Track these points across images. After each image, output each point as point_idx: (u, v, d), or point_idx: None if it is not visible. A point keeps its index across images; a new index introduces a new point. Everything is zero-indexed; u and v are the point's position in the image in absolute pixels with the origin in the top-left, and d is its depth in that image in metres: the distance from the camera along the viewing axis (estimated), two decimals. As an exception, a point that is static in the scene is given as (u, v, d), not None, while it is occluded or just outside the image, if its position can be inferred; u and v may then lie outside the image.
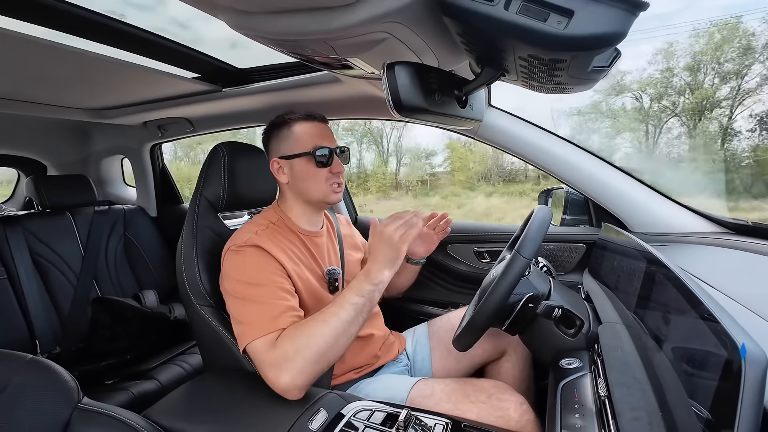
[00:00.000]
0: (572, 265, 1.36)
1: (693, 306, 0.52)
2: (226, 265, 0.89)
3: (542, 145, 1.24)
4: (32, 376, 0.66)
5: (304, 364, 0.74)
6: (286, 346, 0.76)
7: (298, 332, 0.77)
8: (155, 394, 1.36)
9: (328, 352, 0.76)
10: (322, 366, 0.77)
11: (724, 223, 1.12)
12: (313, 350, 0.75)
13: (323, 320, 0.78)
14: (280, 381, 0.74)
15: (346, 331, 0.78)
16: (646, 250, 0.77)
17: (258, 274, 0.85)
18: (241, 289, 0.84)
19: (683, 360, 0.53)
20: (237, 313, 0.84)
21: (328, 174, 0.96)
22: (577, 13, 0.47)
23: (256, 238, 0.88)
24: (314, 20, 0.64)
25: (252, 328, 0.79)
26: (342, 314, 0.78)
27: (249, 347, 0.79)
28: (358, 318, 0.79)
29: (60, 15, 0.89)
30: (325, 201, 0.98)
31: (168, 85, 1.37)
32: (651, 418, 0.51)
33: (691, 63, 12.50)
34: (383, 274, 0.81)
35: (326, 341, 0.76)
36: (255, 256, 0.86)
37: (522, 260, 0.73)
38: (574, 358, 0.74)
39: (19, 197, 2.52)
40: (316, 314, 0.80)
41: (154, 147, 2.12)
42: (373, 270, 0.81)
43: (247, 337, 0.79)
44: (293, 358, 0.74)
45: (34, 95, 1.41)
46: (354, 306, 0.79)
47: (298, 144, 0.95)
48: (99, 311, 1.57)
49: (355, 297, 0.79)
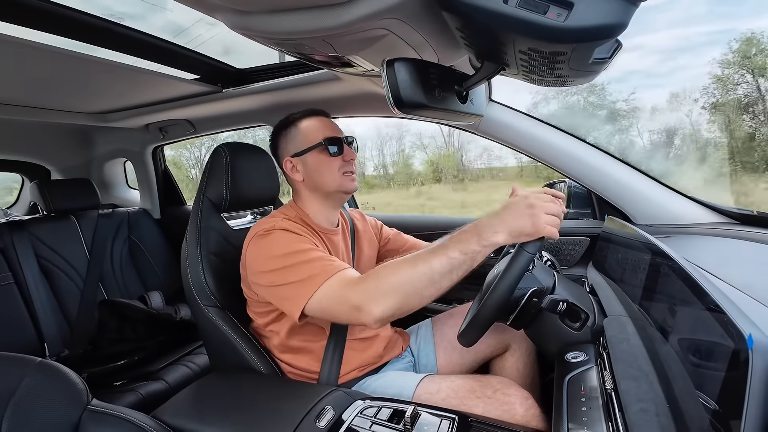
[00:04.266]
0: (576, 259, 1.36)
1: (699, 297, 0.52)
2: (255, 249, 0.87)
3: (544, 138, 1.24)
4: (42, 379, 0.67)
5: (392, 299, 0.71)
6: (370, 282, 0.73)
7: (383, 272, 0.74)
8: (163, 394, 1.37)
9: (411, 295, 0.72)
10: (408, 308, 0.73)
11: (729, 213, 1.11)
12: (395, 287, 0.71)
13: (412, 264, 0.72)
14: (372, 312, 0.71)
15: (434, 283, 0.71)
16: (651, 242, 0.77)
17: (297, 244, 0.84)
18: (283, 260, 0.82)
19: (690, 351, 0.53)
20: (289, 276, 0.80)
21: (341, 162, 0.97)
22: (576, 4, 0.47)
23: (282, 224, 0.88)
24: (313, 18, 0.64)
25: (314, 279, 0.77)
26: (435, 264, 0.71)
27: (320, 291, 0.77)
28: (451, 274, 0.71)
29: (59, 19, 0.89)
30: (341, 190, 0.98)
31: (169, 87, 1.38)
32: (658, 410, 0.51)
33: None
34: (497, 236, 0.70)
35: (412, 284, 0.71)
36: (286, 234, 0.86)
37: (526, 255, 0.73)
38: (580, 352, 0.74)
39: (24, 202, 2.54)
40: (407, 256, 0.75)
41: (156, 149, 2.13)
42: (489, 228, 0.71)
43: (313, 286, 0.77)
44: (377, 293, 0.72)
45: (36, 100, 1.42)
46: (450, 261, 0.71)
47: (308, 138, 0.96)
48: (106, 314, 1.59)
49: (456, 252, 0.71)
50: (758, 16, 8.78)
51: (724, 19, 9.14)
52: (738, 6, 10.14)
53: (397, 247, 1.22)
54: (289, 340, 0.96)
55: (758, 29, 6.29)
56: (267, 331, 0.98)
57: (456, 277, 0.72)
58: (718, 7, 10.28)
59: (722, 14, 10.23)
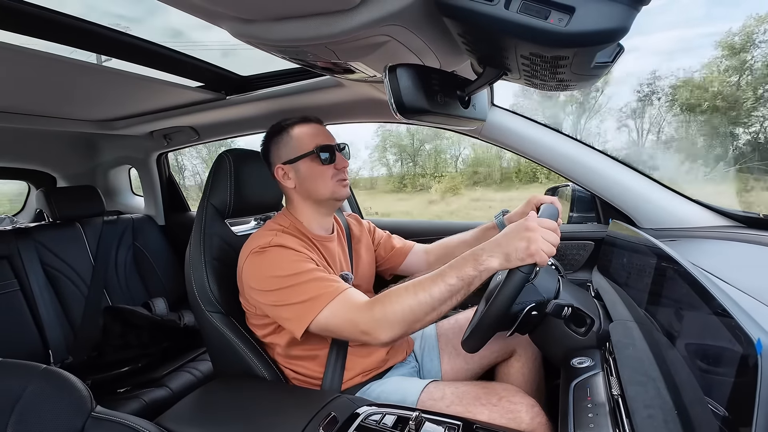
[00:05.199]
0: (581, 263, 1.35)
1: (706, 301, 0.51)
2: (252, 268, 0.88)
3: (547, 142, 1.24)
4: (46, 385, 0.67)
5: (398, 327, 0.76)
6: (377, 311, 0.77)
7: (388, 300, 0.77)
8: (167, 401, 1.37)
9: (414, 323, 0.76)
10: (411, 331, 0.78)
11: (735, 216, 1.10)
12: (400, 317, 0.75)
13: (414, 293, 0.76)
14: (379, 338, 0.77)
15: (435, 309, 0.75)
16: (656, 246, 0.76)
17: (296, 264, 0.85)
18: (283, 281, 0.83)
19: (697, 356, 0.52)
20: (291, 297, 0.82)
21: (334, 170, 0.97)
22: (578, 9, 0.47)
23: (278, 239, 0.89)
24: (315, 25, 0.65)
25: (318, 300, 0.80)
26: (434, 292, 0.74)
27: (325, 312, 0.80)
28: (451, 300, 0.75)
29: (65, 29, 0.91)
30: (333, 198, 0.98)
31: (173, 94, 1.39)
32: (666, 416, 0.50)
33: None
34: (492, 261, 0.72)
35: (414, 313, 0.75)
36: (283, 252, 0.87)
37: (519, 274, 0.71)
38: (586, 357, 0.73)
39: (30, 209, 2.56)
40: (408, 284, 0.78)
41: (160, 156, 2.14)
42: (485, 253, 0.73)
43: (316, 307, 0.80)
44: (384, 321, 0.76)
45: (42, 109, 1.44)
46: (449, 288, 0.74)
47: (300, 146, 0.96)
48: (110, 320, 1.59)
49: (453, 278, 0.74)
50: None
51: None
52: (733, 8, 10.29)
53: (386, 252, 1.23)
54: (290, 350, 0.95)
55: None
56: (267, 342, 0.98)
57: (455, 302, 0.76)
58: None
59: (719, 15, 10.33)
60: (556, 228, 0.75)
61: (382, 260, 1.23)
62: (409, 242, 1.26)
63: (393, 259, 1.22)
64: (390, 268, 1.23)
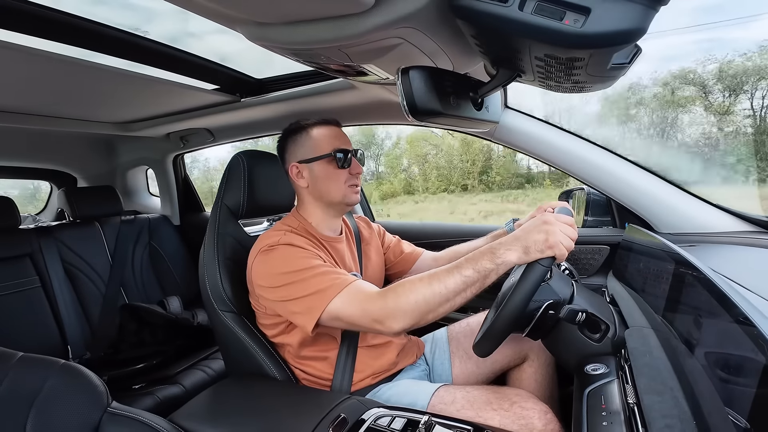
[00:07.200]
0: (596, 268, 1.32)
1: (726, 309, 0.50)
2: (260, 266, 0.89)
3: (561, 145, 1.22)
4: (65, 380, 0.68)
5: (410, 316, 0.75)
6: (389, 300, 0.77)
7: (401, 290, 0.77)
8: (180, 398, 1.39)
9: (428, 313, 0.75)
10: (424, 322, 0.77)
11: (757, 222, 1.07)
12: (413, 306, 0.75)
13: (429, 283, 0.75)
14: (392, 327, 0.77)
15: (449, 300, 0.75)
16: (674, 251, 0.74)
17: (303, 260, 0.86)
18: (290, 276, 0.84)
19: (717, 365, 0.51)
20: (299, 291, 0.83)
21: (348, 175, 0.98)
22: (594, 10, 0.46)
23: (286, 238, 0.90)
24: (329, 28, 0.65)
25: (327, 292, 0.81)
26: (449, 283, 0.74)
27: (335, 302, 0.80)
28: (465, 292, 0.75)
29: (86, 33, 0.94)
30: (344, 202, 0.99)
31: (189, 97, 1.42)
32: (684, 427, 0.49)
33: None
34: (510, 255, 0.72)
35: (427, 303, 0.75)
36: (291, 250, 0.88)
37: (539, 267, 0.71)
38: (600, 364, 0.72)
39: (52, 209, 2.64)
40: (423, 274, 0.78)
41: (176, 157, 2.19)
42: (502, 247, 0.73)
43: (326, 298, 0.80)
44: (397, 310, 0.76)
45: (63, 111, 1.48)
46: (465, 279, 0.74)
47: (318, 147, 0.97)
48: (126, 318, 1.62)
49: (469, 270, 0.74)
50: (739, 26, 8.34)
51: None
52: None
53: (395, 256, 1.23)
54: (301, 351, 0.96)
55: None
56: (277, 342, 0.98)
57: (470, 294, 0.75)
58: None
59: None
60: (573, 224, 0.75)
61: (390, 264, 1.23)
62: (419, 249, 1.26)
63: (401, 264, 1.22)
64: (397, 273, 1.23)
